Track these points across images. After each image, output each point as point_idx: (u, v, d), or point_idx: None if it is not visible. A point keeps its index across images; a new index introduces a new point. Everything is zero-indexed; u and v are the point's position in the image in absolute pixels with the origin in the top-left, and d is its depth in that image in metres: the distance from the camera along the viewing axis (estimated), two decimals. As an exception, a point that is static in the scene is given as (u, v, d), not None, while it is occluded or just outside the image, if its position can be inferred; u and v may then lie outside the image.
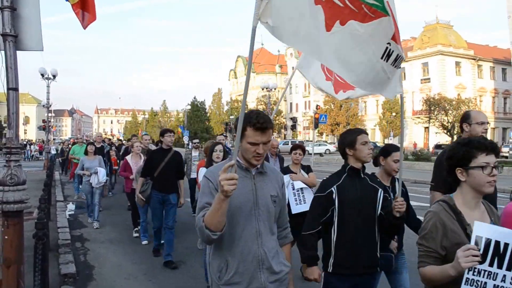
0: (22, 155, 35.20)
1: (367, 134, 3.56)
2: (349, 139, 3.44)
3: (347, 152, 3.44)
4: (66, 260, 6.82)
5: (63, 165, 25.40)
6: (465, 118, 4.18)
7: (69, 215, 11.37)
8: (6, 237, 4.15)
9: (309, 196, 6.01)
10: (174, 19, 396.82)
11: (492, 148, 2.40)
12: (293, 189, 6.09)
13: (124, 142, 26.36)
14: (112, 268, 6.85)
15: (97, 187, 10.20)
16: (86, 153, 10.82)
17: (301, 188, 6.12)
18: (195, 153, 11.74)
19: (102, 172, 10.29)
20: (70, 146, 24.57)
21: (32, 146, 46.94)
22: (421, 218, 2.87)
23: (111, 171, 15.11)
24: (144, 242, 8.42)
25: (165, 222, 7.25)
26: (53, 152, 30.24)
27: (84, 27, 5.13)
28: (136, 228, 9.13)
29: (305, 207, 5.78)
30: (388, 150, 4.19)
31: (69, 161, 21.23)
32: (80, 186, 13.36)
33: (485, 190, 2.35)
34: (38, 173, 23.18)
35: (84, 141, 18.15)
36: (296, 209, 5.92)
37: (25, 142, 49.57)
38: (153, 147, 11.15)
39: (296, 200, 6.04)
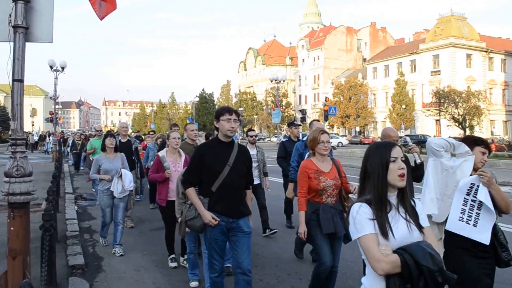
0: (43, 147, 34.57)
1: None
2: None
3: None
4: (74, 252, 6.81)
5: (76, 161, 21.84)
6: None
7: (78, 207, 11.37)
8: (12, 228, 4.16)
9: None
10: (183, 12, 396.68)
11: None
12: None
13: (132, 133, 23.66)
14: (121, 259, 6.82)
15: (121, 197, 7.18)
16: (103, 148, 7.60)
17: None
18: (252, 151, 7.86)
19: (128, 176, 7.26)
20: (82, 138, 21.98)
21: (51, 138, 45.31)
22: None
23: (141, 174, 11.49)
24: (194, 284, 5.67)
25: (237, 263, 4.37)
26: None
27: (101, 18, 4.96)
28: (173, 256, 6.52)
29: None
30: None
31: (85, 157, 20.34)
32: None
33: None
34: (47, 165, 23.29)
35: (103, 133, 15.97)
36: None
37: (45, 134, 46.97)
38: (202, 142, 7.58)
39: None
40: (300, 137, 9.11)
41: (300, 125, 9.42)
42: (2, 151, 36.89)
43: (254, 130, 9.12)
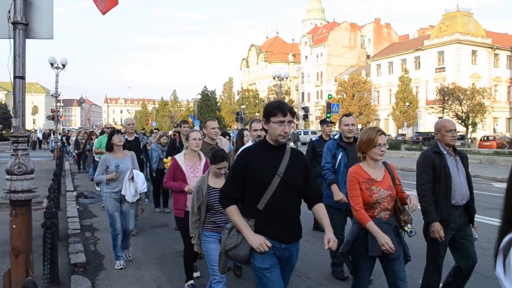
0: (47, 145, 34.31)
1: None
2: None
3: None
4: (76, 250, 6.82)
5: (79, 161, 20.80)
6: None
7: (79, 204, 11.38)
8: (14, 226, 4.17)
9: None
10: (185, 8, 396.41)
11: None
12: None
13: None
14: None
15: (131, 202, 6.41)
16: (110, 148, 6.63)
17: None
18: None
19: (140, 176, 6.53)
20: (86, 137, 20.34)
21: (53, 135, 43.99)
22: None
23: (151, 175, 10.52)
24: None
25: None
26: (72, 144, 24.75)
27: (104, 13, 4.92)
28: (191, 283, 5.58)
29: None
30: None
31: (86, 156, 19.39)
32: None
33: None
34: (48, 163, 23.31)
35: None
36: None
37: (48, 131, 46.39)
38: (223, 142, 7.29)
39: None
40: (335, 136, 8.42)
41: (333, 123, 8.36)
42: (3, 149, 36.96)
43: None
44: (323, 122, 8.16)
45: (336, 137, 6.30)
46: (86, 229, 8.71)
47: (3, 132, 62.00)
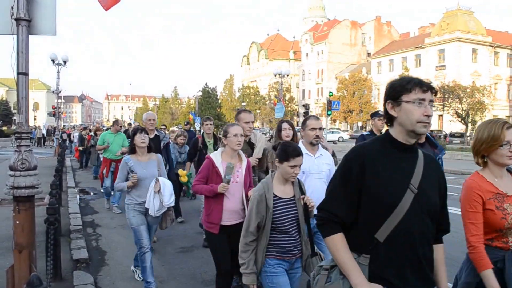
0: (51, 142, 34.21)
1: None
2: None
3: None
4: (78, 246, 6.85)
5: (82, 158, 20.09)
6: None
7: (80, 200, 11.39)
8: (17, 222, 4.17)
9: None
10: (186, 5, 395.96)
11: None
12: None
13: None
14: (124, 253, 6.86)
15: (156, 216, 5.29)
16: (132, 150, 5.48)
17: None
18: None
19: (167, 187, 5.29)
20: (91, 132, 19.45)
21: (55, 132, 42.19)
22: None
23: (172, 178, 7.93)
24: None
25: None
26: (75, 140, 23.90)
27: (106, 9, 4.87)
28: None
29: None
30: None
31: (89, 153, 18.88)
32: (113, 202, 10.18)
33: None
34: (49, 159, 23.34)
35: (122, 126, 14.16)
36: None
37: (52, 128, 43.96)
38: (257, 136, 5.98)
39: None
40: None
41: None
42: (4, 145, 37.01)
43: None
44: (374, 115, 7.03)
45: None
46: (87, 225, 8.73)
47: (4, 128, 62.13)
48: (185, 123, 15.72)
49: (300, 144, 4.68)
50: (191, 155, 8.05)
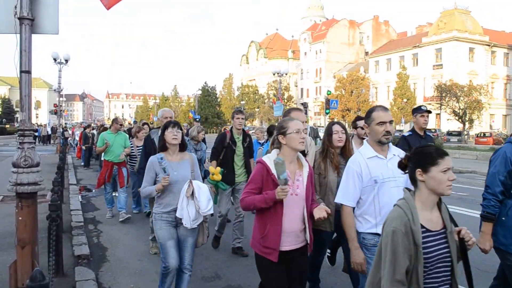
0: (56, 140, 34.04)
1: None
2: None
3: None
4: (79, 242, 6.92)
5: (88, 157, 19.17)
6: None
7: (82, 197, 11.44)
8: (20, 218, 4.20)
9: None
10: (186, 4, 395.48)
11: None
12: None
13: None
14: (125, 249, 6.93)
15: (193, 228, 4.35)
16: (163, 147, 4.57)
17: None
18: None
19: (203, 191, 4.33)
20: (94, 130, 19.16)
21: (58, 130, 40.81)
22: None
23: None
24: None
25: None
26: (77, 137, 23.93)
27: (108, 8, 4.85)
28: None
29: None
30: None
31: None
32: (121, 208, 9.03)
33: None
34: (51, 157, 23.37)
35: (127, 124, 13.09)
36: None
37: (57, 126, 44.02)
38: (307, 141, 5.07)
39: None
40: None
41: (430, 111, 6.15)
42: (7, 142, 36.99)
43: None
44: (416, 110, 6.14)
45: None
46: (89, 222, 8.79)
47: (7, 126, 62.12)
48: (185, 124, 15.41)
49: (365, 145, 3.64)
50: (216, 152, 6.78)
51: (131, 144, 9.77)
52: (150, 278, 5.68)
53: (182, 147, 4.56)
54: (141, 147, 8.55)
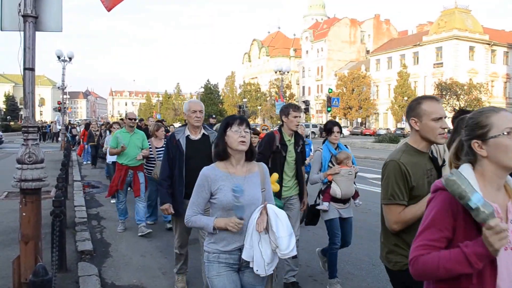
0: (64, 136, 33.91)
1: None
2: None
3: None
4: (83, 238, 6.96)
5: (94, 155, 17.72)
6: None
7: (85, 193, 11.47)
8: (24, 214, 4.22)
9: None
10: (189, 2, 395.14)
11: None
12: None
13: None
14: (128, 245, 6.96)
15: (264, 274, 2.86)
16: (224, 154, 2.98)
17: None
18: None
19: (283, 220, 2.89)
20: (101, 126, 18.03)
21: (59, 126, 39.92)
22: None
23: None
24: None
25: None
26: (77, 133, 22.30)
27: (109, 9, 4.85)
28: None
29: None
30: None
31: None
32: (140, 221, 7.71)
33: None
34: (55, 154, 23.42)
35: (144, 121, 12.16)
36: None
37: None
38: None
39: None
40: None
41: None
42: (12, 139, 37.05)
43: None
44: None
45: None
46: (92, 218, 8.82)
47: (11, 123, 62.19)
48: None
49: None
50: (263, 158, 4.92)
51: (149, 144, 8.23)
52: (153, 274, 5.71)
53: (251, 155, 3.05)
54: (160, 149, 7.97)
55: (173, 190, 4.81)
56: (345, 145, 5.62)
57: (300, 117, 5.24)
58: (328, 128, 5.38)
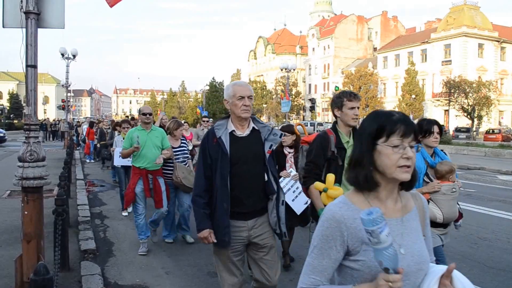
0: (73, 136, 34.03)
1: None
2: None
3: None
4: (85, 237, 6.94)
5: (104, 157, 16.20)
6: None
7: (89, 192, 11.46)
8: (26, 212, 4.21)
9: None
10: (194, 0, 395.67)
11: None
12: None
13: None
14: (131, 244, 6.92)
15: None
16: (369, 185, 1.73)
17: None
18: None
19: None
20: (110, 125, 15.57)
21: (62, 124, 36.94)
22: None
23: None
24: None
25: None
26: (84, 132, 21.21)
27: (111, 5, 4.86)
28: None
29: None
30: None
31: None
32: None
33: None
34: (58, 152, 23.49)
35: (160, 117, 10.51)
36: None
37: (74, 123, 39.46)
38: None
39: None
40: None
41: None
42: (15, 138, 37.21)
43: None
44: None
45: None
46: (95, 217, 8.80)
47: (15, 121, 62.45)
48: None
49: None
50: (317, 168, 4.00)
51: None
52: (156, 273, 5.68)
53: (411, 183, 1.79)
54: (178, 150, 7.17)
55: (212, 209, 3.42)
56: (443, 150, 4.24)
57: (358, 107, 4.23)
58: (425, 129, 4.05)
